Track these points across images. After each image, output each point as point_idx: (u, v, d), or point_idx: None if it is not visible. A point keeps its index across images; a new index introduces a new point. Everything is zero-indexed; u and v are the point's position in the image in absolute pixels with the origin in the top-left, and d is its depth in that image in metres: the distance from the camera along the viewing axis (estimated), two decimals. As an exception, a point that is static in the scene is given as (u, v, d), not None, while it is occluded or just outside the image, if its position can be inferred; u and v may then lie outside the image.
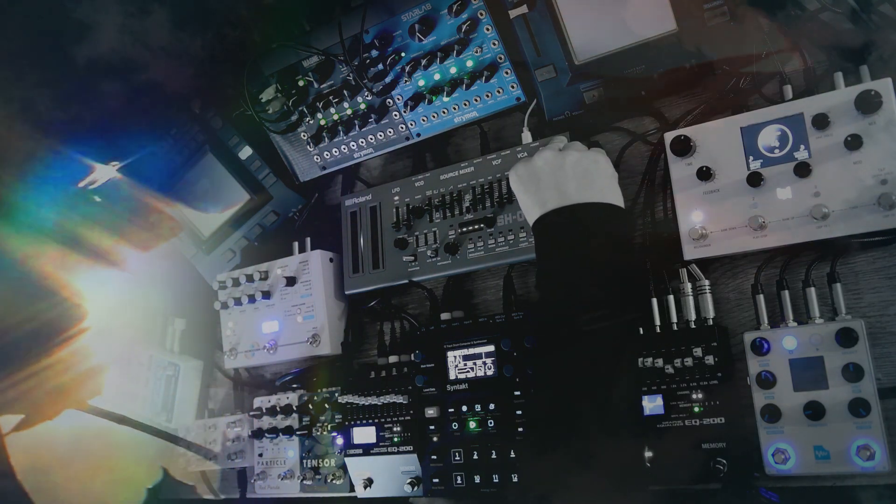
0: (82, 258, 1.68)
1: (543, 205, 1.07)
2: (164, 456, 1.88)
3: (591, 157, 1.10)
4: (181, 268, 1.88)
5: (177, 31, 1.49)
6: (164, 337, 1.92)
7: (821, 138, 1.10)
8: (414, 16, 1.36)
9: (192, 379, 1.89)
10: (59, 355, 1.64)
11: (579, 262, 1.05)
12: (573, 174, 1.07)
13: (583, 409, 1.00)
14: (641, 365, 1.20)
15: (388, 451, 1.45)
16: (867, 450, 1.03)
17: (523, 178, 1.11)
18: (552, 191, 1.07)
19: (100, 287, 1.76)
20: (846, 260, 1.14)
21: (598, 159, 1.10)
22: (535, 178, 1.09)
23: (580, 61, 1.26)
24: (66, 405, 1.68)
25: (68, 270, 1.64)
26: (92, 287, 1.74)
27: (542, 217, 1.08)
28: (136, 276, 1.84)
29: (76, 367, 1.69)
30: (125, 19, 1.45)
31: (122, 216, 1.74)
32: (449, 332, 1.39)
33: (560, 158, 1.08)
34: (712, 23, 1.12)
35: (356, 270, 1.57)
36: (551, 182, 1.07)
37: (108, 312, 1.80)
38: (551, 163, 1.08)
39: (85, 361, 1.72)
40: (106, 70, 1.48)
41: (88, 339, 1.73)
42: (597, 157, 1.10)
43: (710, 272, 1.25)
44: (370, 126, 1.50)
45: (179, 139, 1.75)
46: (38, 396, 1.60)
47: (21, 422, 1.62)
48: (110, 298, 1.80)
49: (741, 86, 1.23)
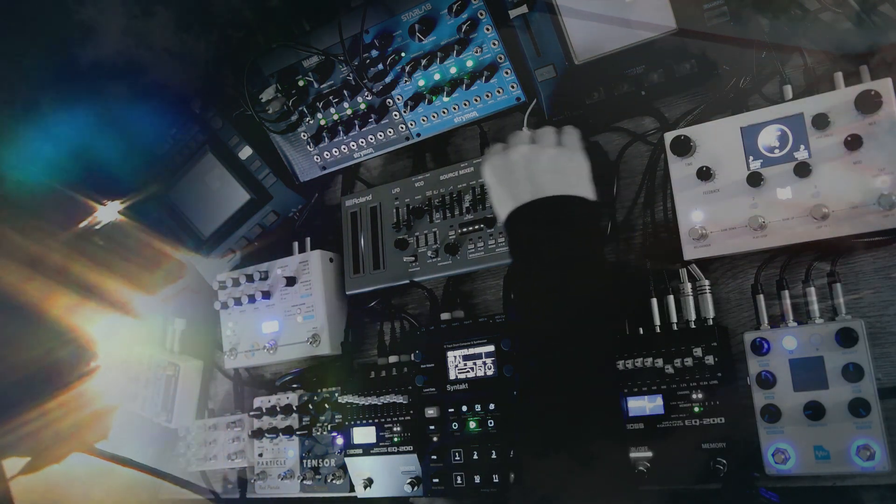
0: (89, 300, 1.67)
1: (517, 197, 1.07)
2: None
3: (567, 153, 1.10)
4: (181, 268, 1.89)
5: (181, 34, 1.49)
6: (164, 337, 1.92)
7: (821, 138, 1.10)
8: (414, 16, 1.36)
9: (192, 379, 1.89)
10: (65, 397, 1.63)
11: (556, 257, 1.05)
12: (548, 168, 1.07)
13: (561, 410, 1.00)
14: (623, 367, 1.20)
15: (388, 451, 1.45)
16: (867, 450, 1.03)
17: (497, 169, 1.11)
18: (526, 184, 1.07)
19: (108, 329, 1.77)
20: (846, 260, 1.14)
21: (573, 156, 1.10)
22: (510, 171, 1.09)
23: (580, 61, 1.26)
24: (72, 448, 1.66)
25: (74, 312, 1.64)
26: (100, 329, 1.74)
27: (516, 210, 1.08)
28: (142, 321, 1.86)
29: (83, 410, 1.69)
30: (129, 21, 1.45)
31: (126, 258, 1.75)
32: (449, 332, 1.39)
33: (535, 153, 1.08)
34: (712, 23, 1.12)
35: (356, 271, 1.57)
36: (525, 175, 1.07)
37: (115, 354, 1.82)
38: (527, 157, 1.08)
39: (92, 404, 1.72)
40: (110, 72, 1.48)
41: (96, 380, 1.73)
42: (572, 153, 1.10)
43: (710, 272, 1.25)
44: (370, 126, 1.50)
45: (179, 139, 1.75)
46: (45, 439, 1.58)
47: (27, 465, 1.59)
48: (118, 341, 1.82)
49: (741, 86, 1.23)
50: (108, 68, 1.50)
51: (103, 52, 1.47)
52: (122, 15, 1.45)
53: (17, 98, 1.45)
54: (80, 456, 1.68)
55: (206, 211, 1.75)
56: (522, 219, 1.07)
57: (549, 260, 1.05)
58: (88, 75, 1.48)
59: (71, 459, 1.66)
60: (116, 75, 1.53)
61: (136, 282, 1.77)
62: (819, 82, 1.16)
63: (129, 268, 1.75)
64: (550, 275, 1.04)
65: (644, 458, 1.18)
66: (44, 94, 1.46)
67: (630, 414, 1.20)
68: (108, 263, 1.71)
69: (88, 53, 1.46)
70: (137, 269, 1.76)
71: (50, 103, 1.48)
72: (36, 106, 1.47)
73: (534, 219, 1.06)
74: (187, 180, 1.75)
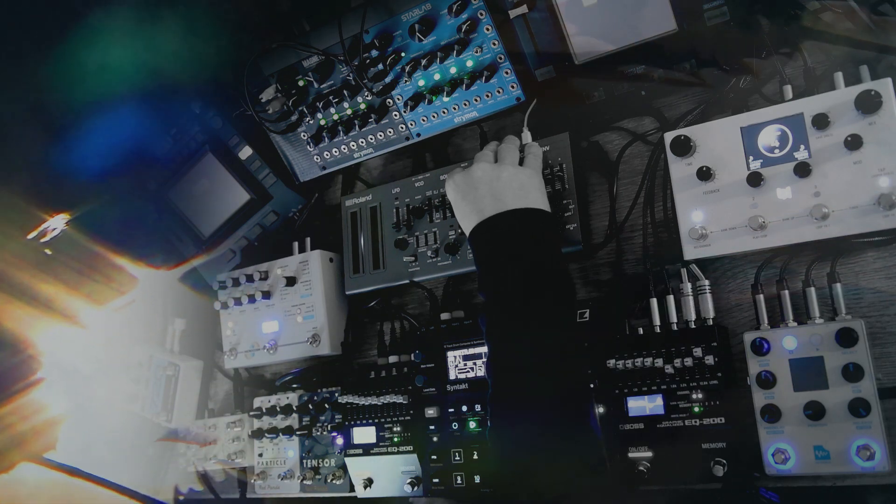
0: (35, 310, 1.66)
1: (481, 212, 1.14)
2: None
3: (526, 171, 1.18)
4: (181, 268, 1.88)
5: (190, 37, 1.48)
6: (164, 337, 1.92)
7: (821, 138, 1.10)
8: (414, 16, 1.36)
9: (192, 379, 1.89)
10: (9, 407, 1.61)
11: (525, 264, 1.11)
12: (509, 185, 1.14)
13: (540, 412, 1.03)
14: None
15: (388, 451, 1.45)
16: (867, 450, 1.03)
17: (461, 186, 1.18)
18: (489, 199, 1.14)
19: (54, 340, 1.75)
20: (846, 260, 1.15)
21: (532, 174, 1.18)
22: (473, 187, 1.16)
23: (580, 61, 1.26)
24: (19, 458, 1.64)
25: (18, 321, 1.63)
26: (47, 339, 1.72)
27: (481, 223, 1.14)
28: (90, 332, 1.83)
29: (29, 420, 1.67)
30: (136, 24, 1.44)
31: (75, 269, 1.74)
32: (449, 332, 1.39)
33: (497, 171, 1.16)
34: (712, 23, 1.12)
35: (356, 271, 1.57)
36: (488, 191, 1.15)
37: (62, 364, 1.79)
38: (489, 174, 1.16)
39: (39, 414, 1.71)
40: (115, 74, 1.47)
41: (43, 391, 1.71)
42: (531, 172, 1.18)
43: (710, 272, 1.25)
44: (370, 126, 1.50)
45: (179, 139, 1.75)
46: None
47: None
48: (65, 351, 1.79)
49: (741, 86, 1.23)
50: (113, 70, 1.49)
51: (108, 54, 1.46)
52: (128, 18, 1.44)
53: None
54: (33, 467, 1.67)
55: (206, 211, 1.75)
56: (487, 231, 1.13)
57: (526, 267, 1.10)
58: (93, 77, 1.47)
59: (23, 471, 1.66)
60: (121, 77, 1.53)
61: (85, 293, 1.76)
62: (819, 82, 1.16)
63: (78, 279, 1.74)
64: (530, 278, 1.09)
65: (644, 458, 1.18)
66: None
67: (630, 414, 1.20)
68: (57, 274, 1.70)
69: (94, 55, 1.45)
70: (87, 281, 1.75)
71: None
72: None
73: (498, 231, 1.13)
74: (187, 180, 1.75)
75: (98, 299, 1.81)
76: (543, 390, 1.03)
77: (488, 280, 1.14)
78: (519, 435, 1.03)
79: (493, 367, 1.08)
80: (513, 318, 1.09)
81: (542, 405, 1.02)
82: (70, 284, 1.73)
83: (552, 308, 1.08)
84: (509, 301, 1.09)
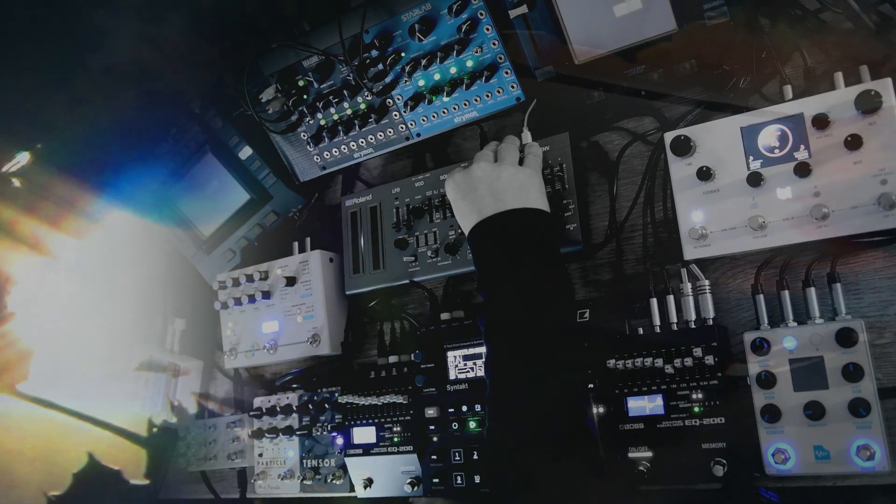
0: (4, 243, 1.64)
1: (481, 212, 1.14)
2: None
3: (526, 171, 1.18)
4: (181, 268, 1.88)
5: (194, 39, 1.48)
6: (164, 337, 1.92)
7: (821, 138, 1.10)
8: (414, 16, 1.36)
9: (192, 379, 1.89)
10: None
11: (525, 262, 1.11)
12: (509, 185, 1.15)
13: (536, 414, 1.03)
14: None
15: (388, 451, 1.45)
16: (867, 450, 1.03)
17: (461, 186, 1.19)
18: (489, 199, 1.14)
19: (26, 273, 1.72)
20: (846, 260, 1.14)
21: (532, 174, 1.18)
22: (473, 187, 1.16)
23: (580, 61, 1.26)
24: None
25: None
26: (17, 273, 1.70)
27: (480, 222, 1.14)
28: (63, 263, 1.80)
29: (1, 353, 1.67)
30: (142, 26, 1.44)
31: (48, 201, 1.70)
32: (449, 332, 1.39)
33: (497, 171, 1.16)
34: (712, 23, 1.12)
35: (356, 271, 1.57)
36: (488, 191, 1.15)
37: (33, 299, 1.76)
38: (489, 173, 1.16)
39: (10, 348, 1.70)
40: (119, 75, 1.47)
41: (13, 325, 1.70)
42: (531, 172, 1.18)
43: (710, 272, 1.25)
44: (370, 126, 1.50)
45: (179, 139, 1.75)
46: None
47: None
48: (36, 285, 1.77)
49: (741, 86, 1.23)
50: (118, 71, 1.49)
51: (112, 56, 1.46)
52: (134, 20, 1.44)
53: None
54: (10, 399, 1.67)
55: (206, 211, 1.76)
56: (487, 231, 1.14)
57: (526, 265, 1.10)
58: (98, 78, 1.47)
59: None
60: (125, 78, 1.53)
61: (57, 223, 1.73)
62: (819, 82, 1.16)
63: (49, 208, 1.70)
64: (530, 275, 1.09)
65: (644, 458, 1.18)
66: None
67: (630, 414, 1.20)
68: (26, 204, 1.67)
69: (98, 57, 1.45)
70: (57, 210, 1.71)
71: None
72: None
73: (497, 231, 1.13)
74: (187, 180, 1.75)
75: (76, 232, 1.78)
76: (542, 391, 1.03)
77: (487, 280, 1.14)
78: (517, 435, 1.03)
79: (491, 368, 1.08)
80: (512, 318, 1.09)
81: (541, 405, 1.02)
82: (40, 215, 1.70)
83: (552, 308, 1.08)
84: (508, 301, 1.09)
